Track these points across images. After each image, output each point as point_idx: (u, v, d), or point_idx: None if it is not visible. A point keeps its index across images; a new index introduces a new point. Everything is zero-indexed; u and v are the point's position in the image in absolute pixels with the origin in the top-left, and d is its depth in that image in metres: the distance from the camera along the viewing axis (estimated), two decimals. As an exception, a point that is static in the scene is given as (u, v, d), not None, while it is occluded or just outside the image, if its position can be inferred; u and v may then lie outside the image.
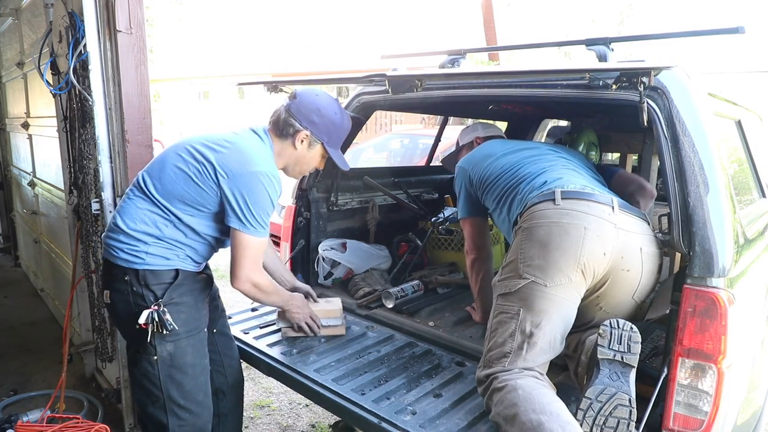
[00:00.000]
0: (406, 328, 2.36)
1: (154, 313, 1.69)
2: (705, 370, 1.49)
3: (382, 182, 3.17)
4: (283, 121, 1.84)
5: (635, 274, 1.70)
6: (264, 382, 3.42)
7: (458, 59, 2.33)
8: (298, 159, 1.90)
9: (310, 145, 1.87)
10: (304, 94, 1.87)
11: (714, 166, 1.57)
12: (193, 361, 1.81)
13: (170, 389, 1.78)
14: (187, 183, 1.73)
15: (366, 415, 1.71)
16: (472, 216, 2.30)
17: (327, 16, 16.35)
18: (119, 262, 1.76)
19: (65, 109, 2.80)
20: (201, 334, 1.86)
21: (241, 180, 1.70)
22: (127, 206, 1.79)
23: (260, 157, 1.76)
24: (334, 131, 1.88)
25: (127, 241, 1.75)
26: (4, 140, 5.52)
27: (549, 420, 1.42)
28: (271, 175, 1.73)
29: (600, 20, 15.88)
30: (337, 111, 1.88)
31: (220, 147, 1.75)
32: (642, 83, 1.54)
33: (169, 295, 1.74)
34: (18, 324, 4.17)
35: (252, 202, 1.71)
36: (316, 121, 1.83)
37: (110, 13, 2.28)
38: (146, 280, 1.74)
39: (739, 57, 9.90)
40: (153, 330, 1.69)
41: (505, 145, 2.27)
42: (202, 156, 1.74)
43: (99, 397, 3.05)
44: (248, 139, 1.82)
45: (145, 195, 1.77)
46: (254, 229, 1.74)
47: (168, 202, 1.74)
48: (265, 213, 1.75)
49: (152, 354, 1.74)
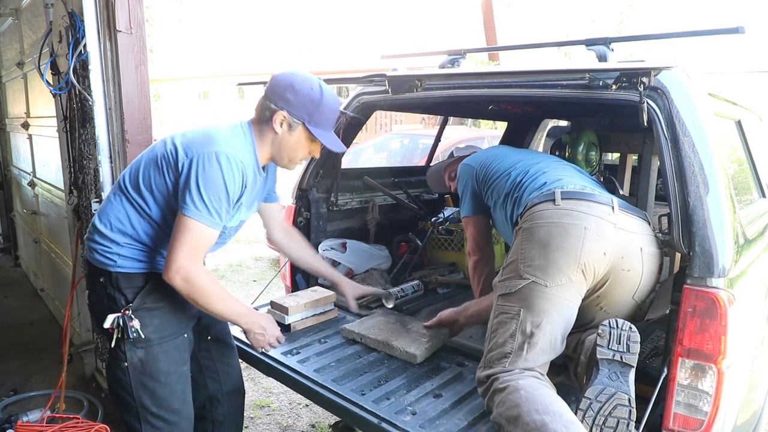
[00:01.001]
0: (406, 328, 2.36)
1: (120, 318, 1.64)
2: (705, 370, 1.49)
3: (382, 182, 3.17)
4: (260, 106, 1.74)
5: (635, 274, 1.70)
6: (264, 382, 3.43)
7: (458, 59, 2.34)
8: (281, 144, 1.76)
9: (291, 127, 1.72)
10: (279, 74, 1.74)
11: (714, 166, 1.57)
12: (166, 368, 1.73)
13: (142, 397, 1.71)
14: (154, 170, 1.66)
15: (366, 415, 1.71)
16: (476, 214, 2.29)
17: (327, 15, 16.36)
18: (95, 264, 1.72)
19: (65, 109, 2.80)
20: (178, 340, 1.78)
21: (197, 158, 1.59)
22: (105, 205, 1.75)
23: (226, 139, 1.65)
24: (314, 109, 1.71)
25: (102, 242, 1.70)
26: (4, 140, 5.52)
27: (552, 420, 1.42)
28: (231, 156, 1.60)
29: (600, 20, 15.90)
30: (315, 87, 1.71)
31: (191, 134, 1.69)
32: (642, 83, 1.54)
33: (141, 300, 1.68)
34: (18, 324, 4.17)
35: (203, 181, 1.57)
36: (291, 99, 1.69)
37: (110, 13, 2.28)
38: (118, 283, 1.68)
39: (739, 57, 9.90)
40: (117, 336, 1.64)
41: (511, 148, 2.30)
42: (171, 143, 1.67)
43: (99, 397, 3.05)
44: (222, 126, 1.73)
45: (120, 191, 1.72)
46: (198, 212, 1.58)
47: (138, 192, 1.67)
48: (215, 197, 1.59)
49: (122, 360, 1.68)
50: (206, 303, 1.69)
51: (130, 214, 1.69)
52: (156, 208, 1.68)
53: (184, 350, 1.82)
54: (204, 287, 1.65)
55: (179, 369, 1.79)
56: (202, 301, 1.67)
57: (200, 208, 1.58)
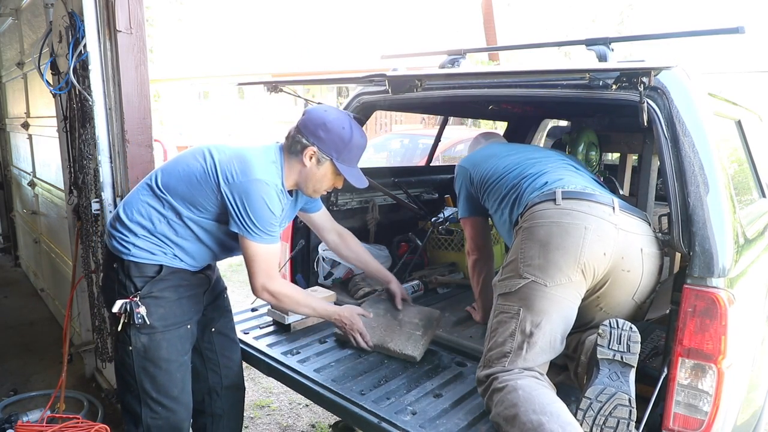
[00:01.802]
0: (406, 328, 2.35)
1: (127, 304, 1.72)
2: (705, 370, 1.49)
3: (382, 182, 3.17)
4: (291, 138, 1.83)
5: (636, 275, 1.70)
6: (264, 382, 3.42)
7: (458, 59, 2.33)
8: (308, 176, 1.85)
9: (319, 162, 1.82)
10: (313, 110, 1.86)
11: (714, 166, 1.57)
12: (167, 356, 1.81)
13: (143, 380, 1.80)
14: (190, 181, 1.76)
15: (366, 415, 1.71)
16: (473, 216, 2.30)
17: (327, 15, 16.35)
18: (112, 250, 1.82)
19: (65, 109, 2.80)
20: (181, 330, 1.85)
21: (239, 187, 1.71)
22: (131, 196, 1.85)
23: (261, 167, 1.75)
24: (343, 147, 1.81)
25: (121, 230, 1.80)
26: (4, 140, 5.52)
27: (549, 420, 1.42)
28: (268, 183, 1.73)
29: (600, 20, 15.91)
30: (346, 126, 1.82)
31: (229, 154, 1.78)
32: (642, 83, 1.53)
33: (148, 289, 1.76)
34: (18, 324, 4.17)
35: (251, 209, 1.71)
36: (323, 136, 1.80)
37: (110, 13, 2.28)
38: (129, 271, 1.77)
39: (739, 57, 9.91)
40: (124, 321, 1.73)
41: (508, 147, 2.28)
42: (210, 158, 1.77)
43: (99, 397, 3.05)
44: (256, 150, 1.83)
45: (150, 188, 1.81)
46: (257, 236, 1.74)
47: (170, 195, 1.77)
48: (265, 221, 1.73)
49: (128, 344, 1.78)
50: (293, 307, 1.98)
51: (152, 211, 1.78)
52: (187, 214, 1.78)
53: (187, 341, 1.88)
54: (288, 296, 1.91)
55: (180, 358, 1.86)
56: (290, 306, 1.97)
57: (258, 232, 1.74)
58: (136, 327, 1.75)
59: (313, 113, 1.84)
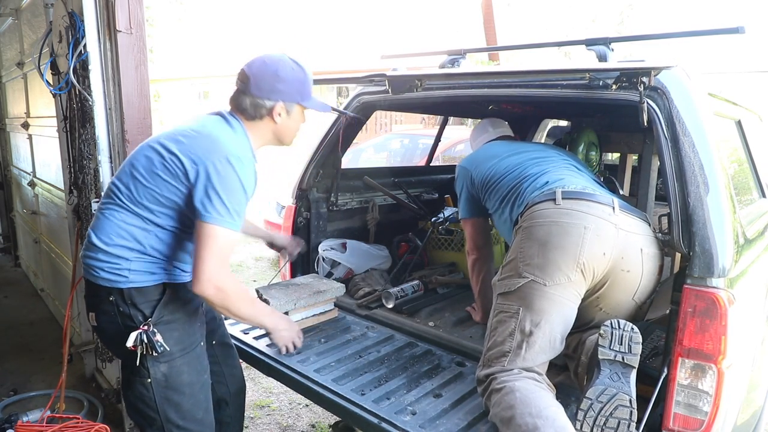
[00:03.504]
0: (406, 328, 2.36)
1: (143, 335, 1.58)
2: (705, 370, 1.49)
3: (382, 182, 3.17)
4: (251, 106, 1.69)
5: (635, 275, 1.70)
6: (264, 382, 3.42)
7: (458, 59, 2.33)
8: (283, 131, 1.77)
9: (289, 112, 1.73)
10: (254, 67, 1.69)
11: (714, 166, 1.57)
12: (189, 379, 1.70)
13: (167, 411, 1.67)
14: (155, 181, 1.59)
15: (366, 415, 1.71)
16: (474, 217, 2.30)
17: (327, 15, 16.35)
18: (102, 282, 1.63)
19: (65, 109, 2.80)
20: (197, 350, 1.75)
21: (209, 164, 1.55)
22: (101, 221, 1.65)
23: (230, 141, 1.62)
24: (302, 87, 1.73)
25: (107, 260, 1.61)
26: (4, 140, 5.52)
27: (545, 424, 1.42)
28: (242, 158, 1.59)
29: (600, 20, 15.90)
30: (294, 66, 1.72)
31: (186, 137, 1.61)
32: (642, 83, 1.54)
33: (159, 314, 1.63)
34: (18, 324, 4.17)
35: (222, 188, 1.54)
36: (282, 89, 1.69)
37: (110, 13, 2.28)
38: (132, 299, 1.62)
39: (739, 57, 9.90)
40: (142, 352, 1.59)
41: (509, 146, 2.26)
42: (167, 150, 1.59)
43: (99, 397, 3.05)
44: (216, 124, 1.68)
45: (117, 205, 1.63)
46: (221, 217, 1.54)
47: (141, 208, 1.61)
48: (235, 200, 1.56)
49: (146, 376, 1.64)
50: (237, 309, 1.67)
51: (134, 230, 1.62)
52: (167, 219, 1.63)
53: (204, 358, 1.80)
54: (236, 293, 1.64)
55: (201, 378, 1.77)
56: (234, 306, 1.66)
57: (222, 213, 1.55)
58: (154, 357, 1.61)
59: (257, 71, 1.69)
